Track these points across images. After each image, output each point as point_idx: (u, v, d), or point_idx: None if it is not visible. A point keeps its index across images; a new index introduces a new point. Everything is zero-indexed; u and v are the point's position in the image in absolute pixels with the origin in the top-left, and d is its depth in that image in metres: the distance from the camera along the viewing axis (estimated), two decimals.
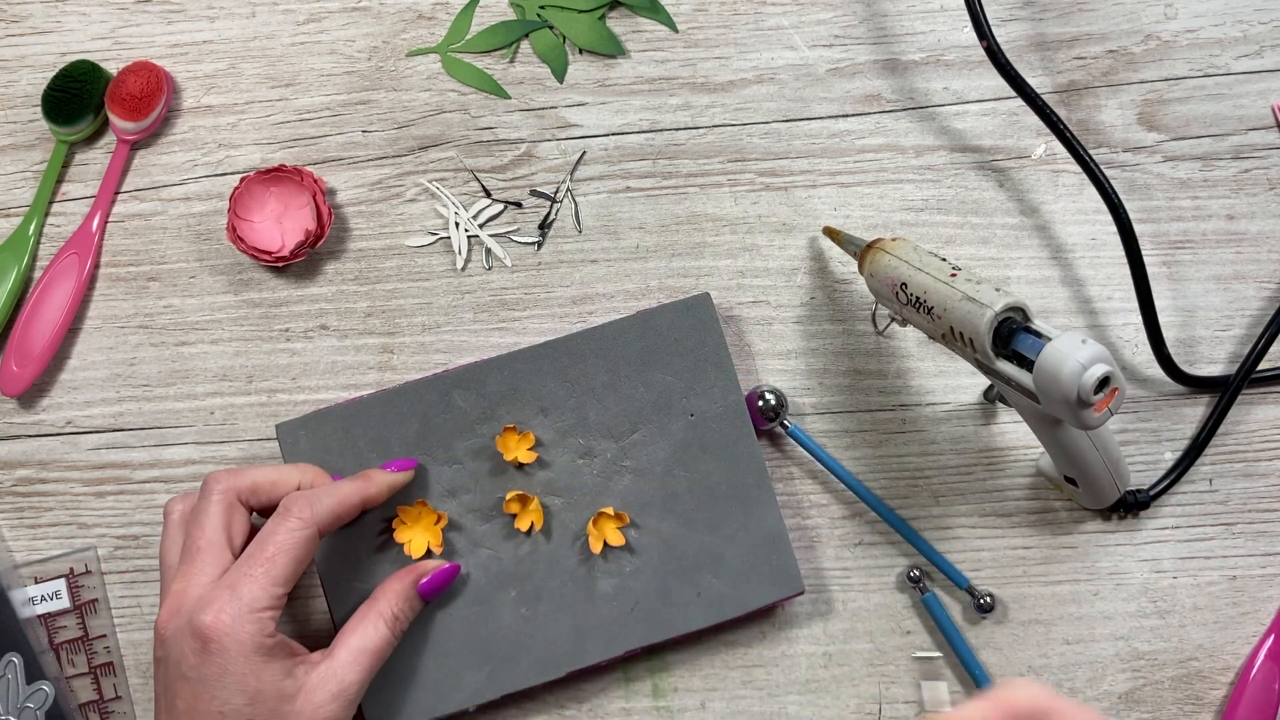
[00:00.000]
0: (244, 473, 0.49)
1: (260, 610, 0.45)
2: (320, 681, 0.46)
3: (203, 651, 0.44)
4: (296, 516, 0.47)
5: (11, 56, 0.60)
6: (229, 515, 0.48)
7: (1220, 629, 0.56)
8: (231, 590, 0.45)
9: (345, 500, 0.49)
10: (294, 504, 0.48)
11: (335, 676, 0.47)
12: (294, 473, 0.51)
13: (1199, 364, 0.59)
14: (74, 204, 0.59)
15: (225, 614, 0.44)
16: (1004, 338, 0.46)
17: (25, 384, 0.56)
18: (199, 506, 0.48)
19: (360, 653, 0.48)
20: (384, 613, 0.49)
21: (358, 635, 0.48)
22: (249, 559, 0.46)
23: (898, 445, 0.57)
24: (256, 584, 0.45)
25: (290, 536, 0.47)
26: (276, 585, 0.46)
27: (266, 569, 0.46)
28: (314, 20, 0.60)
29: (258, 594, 0.45)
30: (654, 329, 0.55)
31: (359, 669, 0.47)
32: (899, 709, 0.56)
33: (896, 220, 0.59)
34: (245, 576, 0.45)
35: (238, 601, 0.45)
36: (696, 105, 0.60)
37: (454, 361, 0.57)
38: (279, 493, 0.50)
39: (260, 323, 0.58)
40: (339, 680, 0.47)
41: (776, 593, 0.54)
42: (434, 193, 0.59)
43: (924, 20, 0.61)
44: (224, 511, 0.48)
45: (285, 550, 0.46)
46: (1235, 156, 0.60)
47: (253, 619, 0.45)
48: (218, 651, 0.44)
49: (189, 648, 0.45)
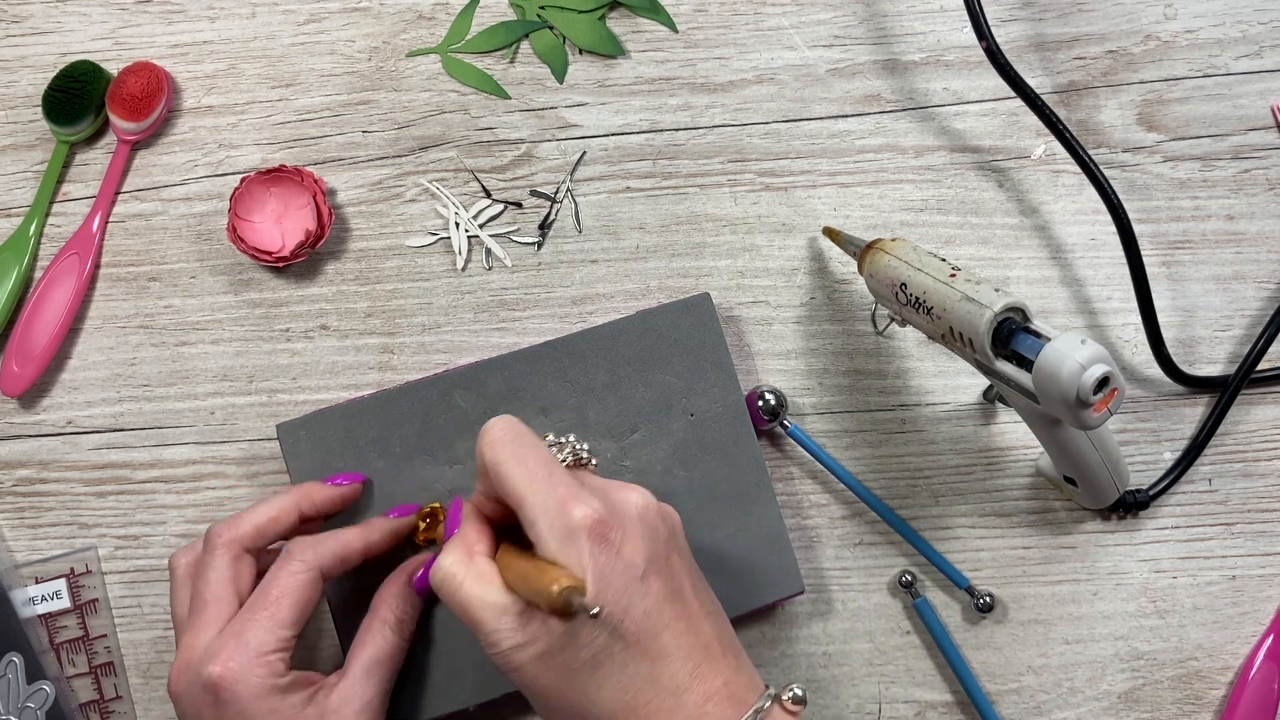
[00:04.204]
0: (243, 520, 0.49)
1: (267, 654, 0.45)
2: (341, 702, 0.46)
3: (216, 704, 0.44)
4: (299, 559, 0.47)
5: (12, 57, 0.60)
6: (234, 568, 0.48)
7: (1220, 629, 0.57)
8: (237, 638, 0.45)
9: (348, 545, 0.49)
10: (296, 548, 0.48)
11: (355, 694, 0.47)
12: (291, 501, 0.50)
13: (1198, 364, 0.59)
14: (74, 204, 0.59)
15: (233, 662, 0.44)
16: (1003, 338, 0.46)
17: (26, 384, 0.56)
18: (203, 560, 0.48)
19: (373, 664, 0.47)
20: (386, 619, 0.49)
21: (367, 647, 0.48)
22: (252, 605, 0.46)
23: (898, 445, 0.58)
24: (262, 628, 0.45)
25: (293, 579, 0.47)
26: (282, 628, 0.45)
27: (271, 613, 0.46)
28: (314, 20, 0.60)
29: (264, 638, 0.45)
30: (654, 329, 0.55)
31: (375, 681, 0.47)
32: (899, 709, 0.56)
33: (896, 220, 0.59)
34: (250, 622, 0.45)
35: (245, 649, 0.45)
36: (696, 105, 0.60)
37: (454, 361, 0.58)
38: (281, 529, 0.49)
39: (260, 323, 0.58)
40: (359, 697, 0.47)
41: (776, 593, 0.54)
42: (434, 193, 0.59)
43: (924, 20, 0.61)
44: (229, 564, 0.48)
45: (288, 593, 0.46)
46: (1235, 157, 0.60)
47: (261, 663, 0.45)
48: (230, 700, 0.44)
49: (203, 701, 0.44)
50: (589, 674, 0.41)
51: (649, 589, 0.42)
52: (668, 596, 0.42)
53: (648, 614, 0.41)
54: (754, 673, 0.44)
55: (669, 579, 0.43)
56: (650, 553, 0.42)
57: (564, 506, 0.42)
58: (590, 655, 0.41)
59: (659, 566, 0.42)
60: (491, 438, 0.44)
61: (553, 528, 0.41)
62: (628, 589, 0.41)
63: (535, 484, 0.42)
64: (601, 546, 0.41)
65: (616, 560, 0.41)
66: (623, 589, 0.41)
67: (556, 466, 0.44)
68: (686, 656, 0.42)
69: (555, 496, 0.42)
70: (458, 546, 0.44)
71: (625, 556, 0.41)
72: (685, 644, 0.42)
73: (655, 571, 0.42)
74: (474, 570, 0.43)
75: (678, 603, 0.43)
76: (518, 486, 0.43)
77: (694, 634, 0.42)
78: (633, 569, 0.41)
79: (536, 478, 0.43)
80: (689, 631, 0.42)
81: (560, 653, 0.41)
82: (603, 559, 0.41)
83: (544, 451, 0.44)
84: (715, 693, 0.42)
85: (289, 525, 0.50)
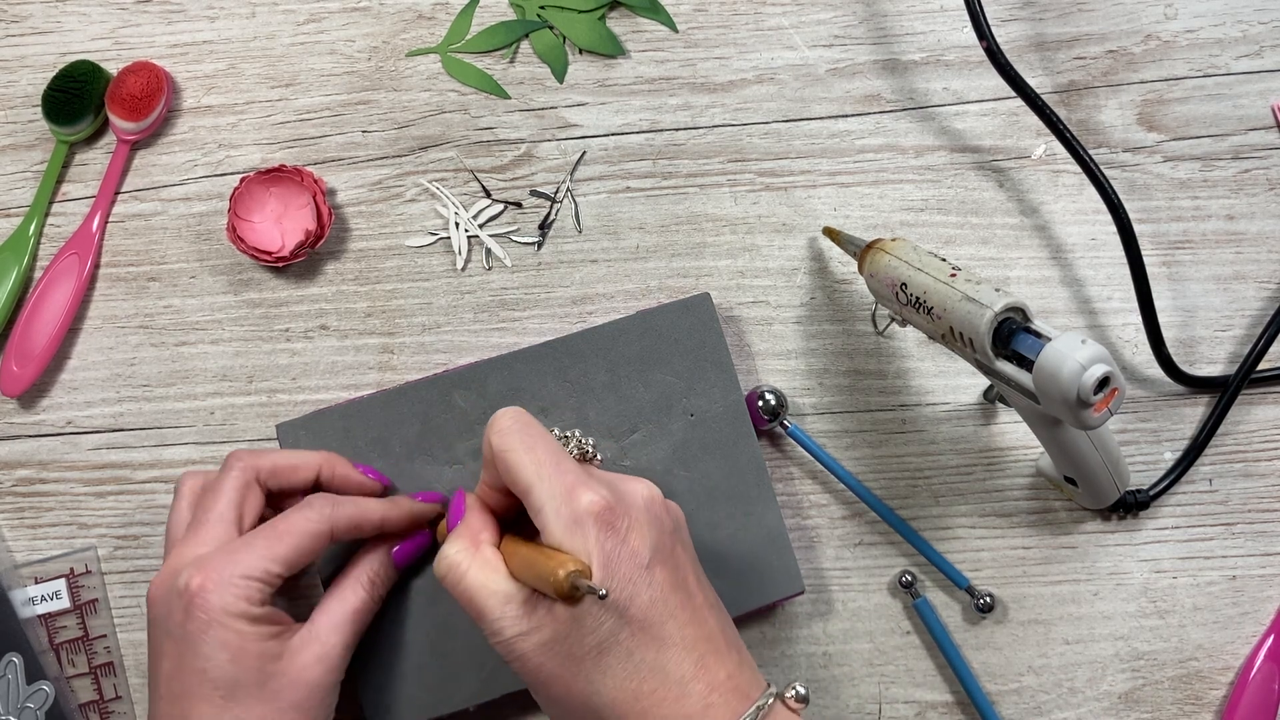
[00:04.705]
0: (266, 454, 0.50)
1: (250, 578, 0.45)
2: (302, 643, 0.46)
3: (188, 608, 0.44)
4: (317, 510, 0.47)
5: (11, 57, 0.60)
6: (243, 493, 0.48)
7: (1220, 629, 0.56)
8: (228, 555, 0.45)
9: (367, 513, 0.49)
10: (317, 499, 0.48)
11: (318, 639, 0.47)
12: (316, 458, 0.51)
13: (1199, 364, 0.59)
14: (74, 204, 0.59)
15: (215, 575, 0.44)
16: (1004, 338, 0.46)
17: (25, 384, 0.56)
18: (216, 481, 0.48)
19: (340, 615, 0.48)
20: (360, 577, 0.49)
21: (336, 599, 0.48)
22: (255, 534, 0.46)
23: (898, 445, 0.57)
24: (254, 553, 0.45)
25: (304, 524, 0.47)
26: (275, 561, 0.46)
27: (269, 544, 0.46)
28: (314, 20, 0.60)
29: (253, 562, 0.45)
30: (654, 329, 0.55)
31: (340, 631, 0.47)
32: (899, 709, 0.56)
33: (896, 220, 0.59)
34: (245, 546, 0.46)
35: (231, 566, 0.45)
36: (696, 105, 0.60)
37: (454, 361, 0.58)
38: (299, 477, 0.50)
39: (260, 323, 0.58)
40: (321, 642, 0.47)
41: (776, 593, 0.54)
42: (434, 193, 0.59)
43: (924, 20, 0.61)
44: (239, 489, 0.48)
45: (294, 533, 0.46)
46: (1235, 156, 0.60)
47: (242, 584, 0.45)
48: (201, 608, 0.44)
49: (175, 606, 0.45)
50: (594, 661, 0.41)
51: (654, 578, 0.42)
52: (673, 586, 0.42)
53: (653, 602, 0.41)
54: (756, 669, 0.44)
55: (674, 570, 0.43)
56: (656, 543, 0.42)
57: (572, 493, 0.42)
58: (596, 642, 0.41)
59: (664, 557, 0.43)
60: (500, 426, 0.44)
61: (560, 514, 0.42)
62: (634, 576, 0.41)
63: (543, 470, 0.43)
64: (608, 533, 0.41)
65: (623, 547, 0.41)
66: (629, 576, 0.41)
67: (565, 456, 0.44)
68: (691, 647, 0.42)
69: (563, 483, 0.42)
70: (462, 535, 0.45)
71: (631, 544, 0.41)
72: (690, 634, 0.42)
73: (660, 561, 0.42)
74: (479, 559, 0.43)
75: (682, 593, 0.43)
76: (526, 473, 0.43)
77: (698, 625, 0.42)
78: (638, 557, 0.41)
79: (544, 465, 0.43)
80: (693, 622, 0.42)
81: (565, 640, 0.41)
82: (609, 545, 0.41)
83: (552, 441, 0.44)
84: (720, 684, 0.42)
85: (306, 479, 0.50)
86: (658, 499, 0.44)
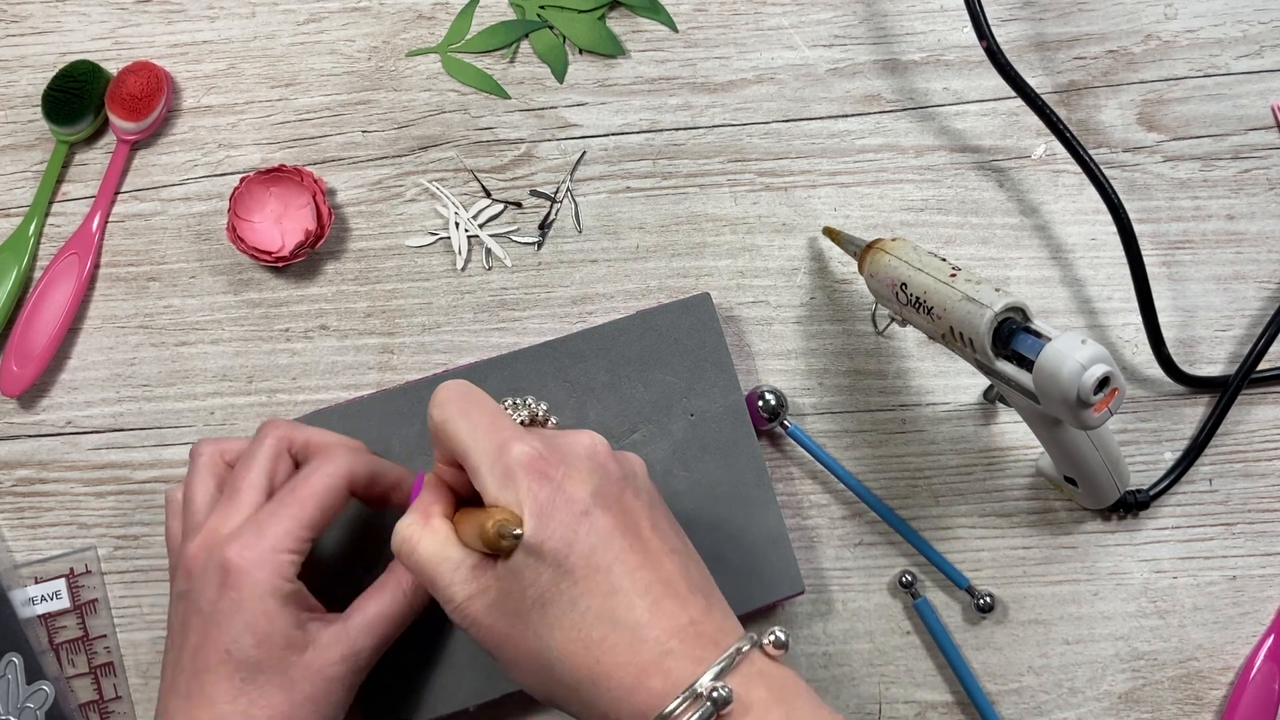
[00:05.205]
0: (302, 427, 0.50)
1: (282, 551, 0.45)
2: (333, 639, 0.46)
3: (221, 585, 0.44)
4: (334, 464, 0.47)
5: (11, 56, 0.60)
6: (276, 463, 0.48)
7: (1220, 629, 0.56)
8: (257, 528, 0.45)
9: (383, 467, 0.49)
10: (332, 452, 0.48)
11: (348, 638, 0.46)
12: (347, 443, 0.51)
13: (1199, 364, 0.59)
14: (74, 204, 0.59)
15: (248, 550, 0.45)
16: (1004, 338, 0.46)
17: (25, 384, 0.56)
18: (250, 448, 0.48)
19: (377, 618, 0.47)
20: (402, 582, 0.49)
21: (375, 601, 0.48)
22: (278, 501, 0.46)
23: (898, 445, 0.57)
24: (282, 525, 0.45)
25: (323, 481, 0.47)
26: (302, 528, 0.46)
27: (294, 511, 0.46)
28: (314, 20, 0.60)
29: (281, 535, 0.45)
30: (654, 329, 0.55)
31: (373, 635, 0.47)
32: (899, 709, 0.56)
33: (896, 220, 0.59)
34: (272, 516, 0.46)
35: (262, 540, 0.45)
36: (696, 105, 0.60)
37: (454, 361, 0.58)
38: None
39: (260, 323, 0.58)
40: (351, 642, 0.46)
41: (776, 593, 0.54)
42: (434, 193, 0.59)
43: (924, 20, 0.61)
44: (273, 457, 0.48)
45: (315, 494, 0.46)
46: (1235, 156, 0.60)
47: (273, 559, 0.45)
48: (234, 586, 0.44)
49: (210, 580, 0.45)
50: (540, 614, 0.40)
51: (595, 523, 0.40)
52: (619, 531, 0.41)
53: (594, 549, 0.40)
54: (730, 616, 0.42)
55: (620, 515, 0.41)
56: (597, 489, 0.41)
57: (504, 448, 0.41)
58: (537, 594, 0.40)
59: (608, 502, 0.41)
60: (438, 399, 0.44)
61: (493, 470, 0.41)
62: (571, 523, 0.40)
63: (477, 433, 0.42)
64: (541, 482, 0.40)
65: (557, 495, 0.40)
66: (566, 523, 0.40)
67: (502, 417, 0.43)
68: (643, 591, 0.40)
69: (496, 440, 0.42)
70: (415, 510, 0.44)
71: (567, 491, 0.41)
72: (641, 578, 0.40)
73: (603, 507, 0.41)
74: (428, 530, 0.43)
75: (631, 537, 0.41)
76: (462, 439, 0.42)
77: (651, 569, 0.41)
78: (576, 503, 0.40)
79: (479, 427, 0.42)
80: (645, 566, 0.41)
81: (509, 596, 0.41)
82: (543, 494, 0.40)
83: (490, 405, 0.44)
84: (681, 629, 0.40)
85: None
86: (602, 448, 0.43)
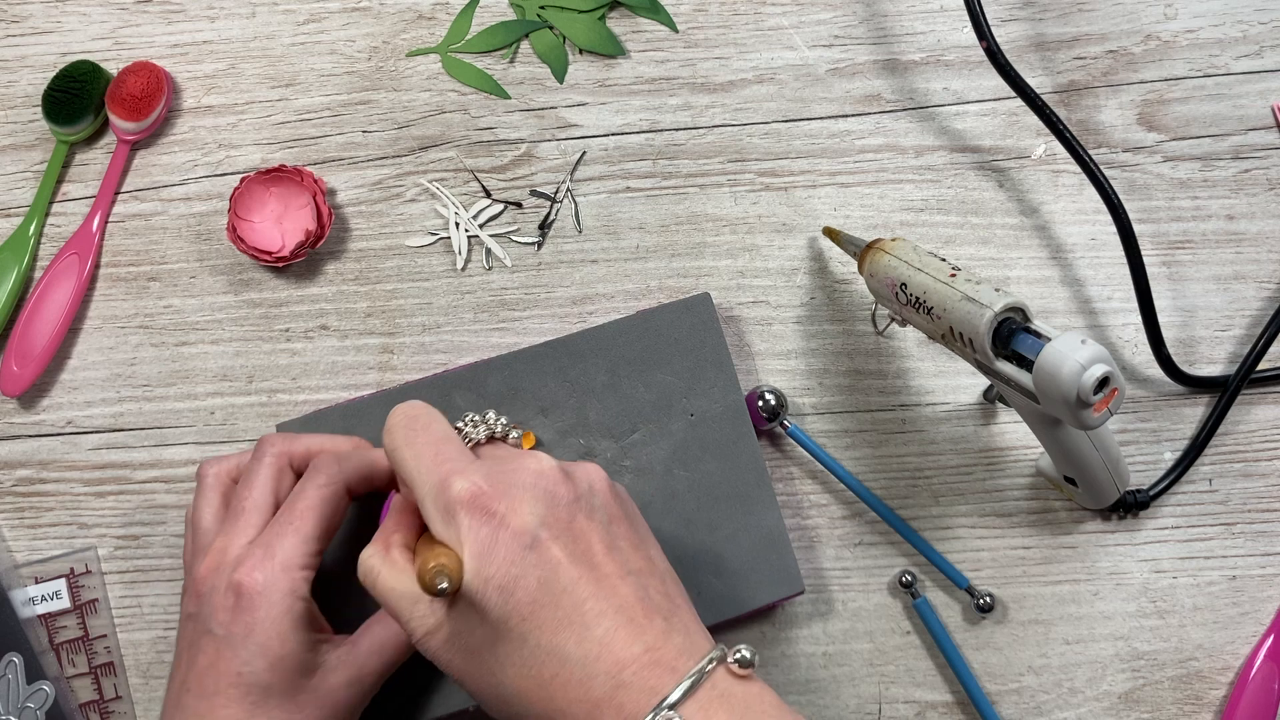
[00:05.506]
0: (299, 438, 0.50)
1: (293, 568, 0.45)
2: (339, 662, 0.46)
3: (235, 608, 0.44)
4: (324, 473, 0.47)
5: (11, 56, 0.60)
6: (278, 479, 0.48)
7: (1220, 629, 0.56)
8: (265, 548, 0.45)
9: (373, 464, 0.49)
10: (322, 463, 0.48)
11: (355, 662, 0.46)
12: (346, 443, 0.51)
13: (1199, 364, 0.59)
14: (74, 204, 0.59)
15: (259, 571, 0.45)
16: (1003, 338, 0.46)
17: (25, 384, 0.56)
18: (251, 467, 0.48)
19: (384, 644, 0.47)
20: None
21: (384, 625, 0.48)
22: (279, 520, 0.46)
23: (898, 445, 0.57)
24: (288, 541, 0.45)
25: (318, 493, 0.47)
26: (307, 542, 0.46)
27: (296, 526, 0.46)
28: (314, 20, 0.60)
29: (290, 552, 0.45)
30: (654, 329, 0.55)
31: (379, 659, 0.47)
32: (899, 709, 0.56)
33: (896, 220, 0.59)
34: (276, 535, 0.46)
35: (271, 559, 0.45)
36: (696, 105, 0.60)
37: (454, 361, 0.58)
38: None
39: (260, 323, 0.58)
40: (358, 666, 0.46)
41: (776, 593, 0.54)
42: (434, 193, 0.59)
43: (924, 20, 0.61)
44: (274, 475, 0.48)
45: (313, 507, 0.46)
46: (1235, 156, 0.60)
47: (286, 577, 0.45)
48: (248, 608, 0.44)
49: (222, 603, 0.45)
50: (490, 652, 0.39)
51: (544, 556, 0.39)
52: (570, 560, 0.40)
53: (543, 583, 0.39)
54: (694, 635, 0.40)
55: (570, 542, 0.40)
56: (544, 518, 0.40)
57: (445, 484, 0.40)
58: (486, 633, 0.39)
59: (557, 532, 0.40)
60: (388, 425, 0.44)
61: (436, 506, 0.40)
62: (516, 559, 0.39)
63: (421, 464, 0.41)
64: (482, 519, 0.39)
65: (500, 531, 0.39)
66: (509, 559, 0.39)
67: (447, 445, 0.42)
68: (592, 623, 0.39)
69: (439, 474, 0.41)
70: (378, 540, 0.44)
71: (512, 526, 0.39)
72: (592, 609, 0.39)
73: (553, 538, 0.40)
74: (388, 561, 0.42)
75: (583, 566, 0.40)
76: (407, 469, 0.42)
77: (605, 597, 0.39)
78: (521, 538, 0.39)
79: (423, 459, 0.42)
80: (597, 595, 0.39)
81: (461, 635, 0.40)
82: (484, 532, 0.39)
83: (435, 432, 0.43)
84: (634, 660, 0.38)
85: None
86: (551, 472, 0.42)
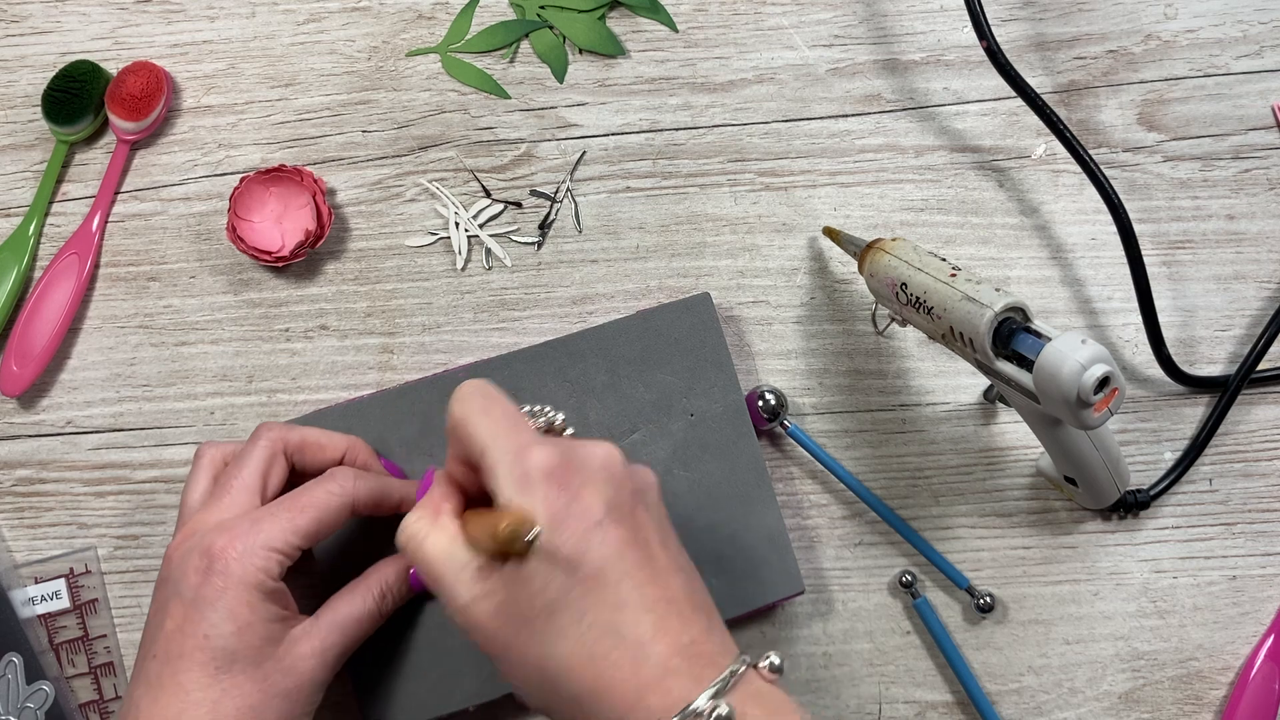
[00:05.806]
0: (296, 429, 0.50)
1: (272, 549, 0.45)
2: (303, 634, 0.47)
3: (206, 570, 0.44)
4: (339, 483, 0.48)
5: (11, 56, 0.60)
6: (270, 464, 0.48)
7: (1220, 629, 0.56)
8: (252, 523, 0.46)
9: (387, 489, 0.50)
10: (340, 473, 0.49)
11: (318, 634, 0.47)
12: (343, 441, 0.51)
13: (1199, 364, 0.59)
14: (74, 204, 0.59)
15: (238, 541, 0.45)
16: (1004, 338, 0.46)
17: (25, 384, 0.56)
18: (244, 449, 0.49)
19: (346, 617, 0.48)
20: (373, 587, 0.49)
21: (344, 601, 0.49)
22: (277, 504, 0.47)
23: (898, 445, 0.57)
24: (277, 524, 0.46)
25: (326, 497, 0.47)
26: (296, 534, 0.46)
27: (292, 515, 0.46)
28: (314, 20, 0.60)
29: (274, 533, 0.45)
30: (654, 329, 0.55)
31: (341, 632, 0.48)
32: (899, 709, 0.56)
33: (896, 220, 0.59)
34: (269, 515, 0.46)
35: (254, 534, 0.45)
36: (696, 105, 0.60)
37: (454, 361, 0.58)
38: (325, 456, 0.51)
39: (260, 323, 0.58)
40: (320, 638, 0.47)
41: (776, 593, 0.54)
42: (434, 193, 0.59)
43: (924, 20, 0.61)
44: (266, 459, 0.48)
45: (316, 506, 0.47)
46: (1235, 156, 0.60)
47: (262, 554, 0.45)
48: (220, 573, 0.44)
49: (193, 566, 0.45)
50: (546, 622, 0.40)
51: (607, 535, 0.40)
52: (630, 545, 0.41)
53: (606, 560, 0.40)
54: (728, 638, 0.42)
55: (632, 529, 0.41)
56: (611, 501, 0.41)
57: (523, 453, 0.41)
58: (546, 601, 0.40)
59: (620, 516, 0.41)
60: (460, 394, 0.44)
61: (510, 473, 0.41)
62: (585, 533, 0.40)
63: (498, 433, 0.42)
64: (557, 490, 0.40)
65: (574, 504, 0.40)
66: (579, 533, 0.40)
67: (521, 420, 0.43)
68: (649, 608, 0.40)
69: (516, 443, 0.41)
70: (424, 506, 0.44)
71: (583, 501, 0.40)
72: (649, 595, 0.40)
73: (616, 520, 0.41)
74: (436, 527, 0.43)
75: (641, 552, 0.41)
76: (481, 436, 0.42)
77: (659, 586, 0.41)
78: (590, 514, 0.40)
79: (500, 428, 0.42)
80: (653, 583, 0.40)
81: (517, 602, 0.40)
82: (559, 502, 0.40)
83: (511, 408, 0.44)
84: (683, 649, 0.39)
85: (331, 459, 0.51)
86: (617, 460, 0.43)
